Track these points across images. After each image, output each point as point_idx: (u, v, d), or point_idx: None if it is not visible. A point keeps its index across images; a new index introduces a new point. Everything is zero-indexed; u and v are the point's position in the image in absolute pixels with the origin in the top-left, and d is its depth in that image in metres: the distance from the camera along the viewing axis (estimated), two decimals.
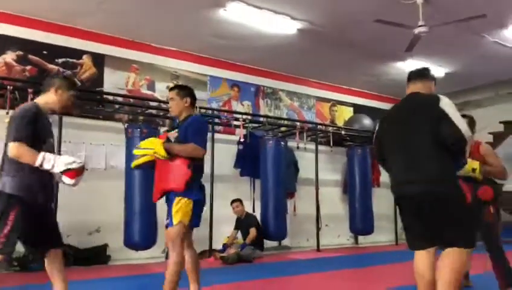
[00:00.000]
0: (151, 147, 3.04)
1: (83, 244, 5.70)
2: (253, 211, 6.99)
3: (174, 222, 3.02)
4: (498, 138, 8.67)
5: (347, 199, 8.28)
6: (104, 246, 5.84)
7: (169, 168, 3.09)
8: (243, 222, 6.44)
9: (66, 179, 2.67)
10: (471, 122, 3.54)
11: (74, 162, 2.67)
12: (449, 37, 6.63)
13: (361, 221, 7.83)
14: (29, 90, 5.13)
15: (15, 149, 2.62)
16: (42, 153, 2.63)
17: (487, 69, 8.26)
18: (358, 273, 5.13)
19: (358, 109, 9.39)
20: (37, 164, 2.61)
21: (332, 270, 5.29)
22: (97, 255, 5.69)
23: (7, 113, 4.94)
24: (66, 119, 5.54)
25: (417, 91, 2.74)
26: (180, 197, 3.03)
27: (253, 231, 6.25)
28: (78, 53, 6.32)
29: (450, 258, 2.45)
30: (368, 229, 7.84)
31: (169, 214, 3.07)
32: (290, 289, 4.07)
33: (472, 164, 3.32)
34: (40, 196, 2.73)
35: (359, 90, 9.55)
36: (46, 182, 2.78)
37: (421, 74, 2.82)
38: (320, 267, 5.59)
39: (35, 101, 2.93)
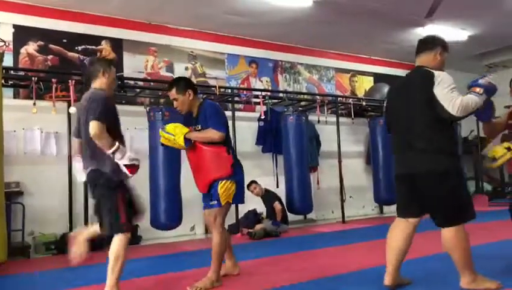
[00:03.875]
0: (173, 133, 3.17)
1: None
2: (277, 186, 7.08)
3: (222, 202, 3.19)
4: None
5: (370, 170, 8.27)
6: (135, 227, 6.03)
7: (208, 157, 3.21)
8: (265, 200, 6.51)
9: (125, 171, 2.86)
10: None
11: (137, 159, 2.88)
12: None
13: (385, 191, 7.82)
14: (53, 80, 5.27)
15: (95, 126, 2.73)
16: (118, 144, 2.79)
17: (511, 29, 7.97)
18: (383, 244, 5.17)
19: (378, 78, 9.24)
20: (110, 151, 2.76)
21: (359, 242, 5.35)
22: None
23: (34, 104, 5.11)
24: None
25: (419, 65, 2.89)
26: (225, 181, 3.19)
27: (277, 205, 6.34)
28: (96, 39, 6.40)
29: None
30: (392, 198, 7.77)
31: (214, 196, 3.20)
32: (317, 262, 4.15)
33: None
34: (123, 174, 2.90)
35: (379, 58, 9.37)
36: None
37: (422, 46, 2.95)
38: (346, 239, 5.66)
39: (95, 87, 3.00)
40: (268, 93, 7.31)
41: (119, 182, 2.88)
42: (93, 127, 2.73)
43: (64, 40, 6.16)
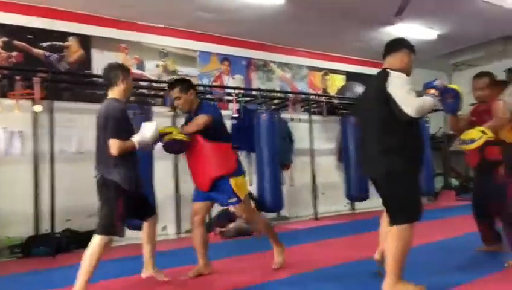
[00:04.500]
0: (170, 131, 3.30)
1: (83, 227, 5.76)
2: (250, 184, 7.05)
3: (242, 197, 3.38)
4: None
5: (342, 167, 8.36)
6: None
7: (213, 153, 3.33)
8: None
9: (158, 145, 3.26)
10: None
11: (150, 129, 3.09)
12: None
13: (356, 188, 7.92)
14: (17, 77, 5.09)
15: (115, 145, 2.94)
16: (133, 142, 3.03)
17: (478, 28, 8.21)
18: (356, 240, 5.24)
19: (350, 76, 9.34)
20: (137, 147, 3.05)
21: (331, 238, 5.40)
22: None
23: None
24: (57, 104, 5.50)
25: (385, 67, 2.90)
26: (235, 177, 3.37)
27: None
28: (63, 36, 6.20)
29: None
30: (363, 195, 7.93)
31: (231, 194, 3.36)
32: (290, 258, 4.16)
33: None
34: (133, 185, 3.11)
35: (351, 57, 9.47)
36: (137, 173, 3.18)
37: (388, 48, 2.98)
38: (319, 235, 5.70)
39: (113, 97, 3.15)
40: (241, 91, 7.28)
41: (123, 190, 3.02)
42: (113, 146, 2.94)
43: (29, 36, 5.94)
